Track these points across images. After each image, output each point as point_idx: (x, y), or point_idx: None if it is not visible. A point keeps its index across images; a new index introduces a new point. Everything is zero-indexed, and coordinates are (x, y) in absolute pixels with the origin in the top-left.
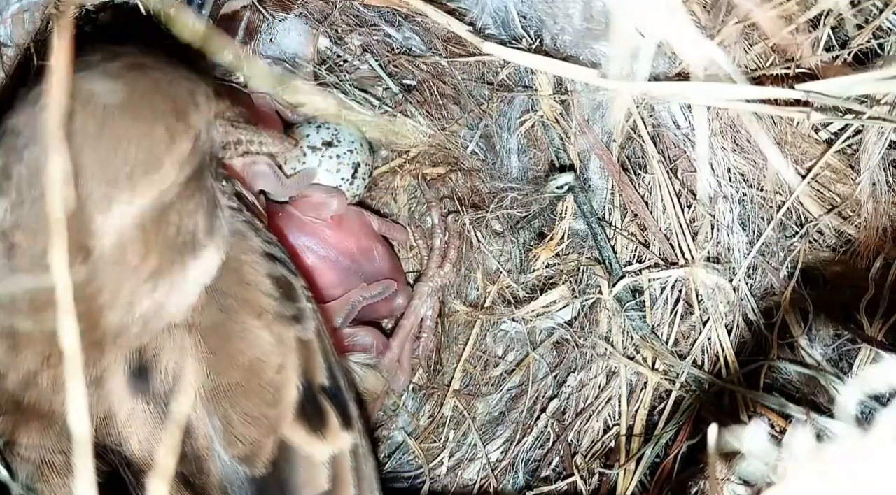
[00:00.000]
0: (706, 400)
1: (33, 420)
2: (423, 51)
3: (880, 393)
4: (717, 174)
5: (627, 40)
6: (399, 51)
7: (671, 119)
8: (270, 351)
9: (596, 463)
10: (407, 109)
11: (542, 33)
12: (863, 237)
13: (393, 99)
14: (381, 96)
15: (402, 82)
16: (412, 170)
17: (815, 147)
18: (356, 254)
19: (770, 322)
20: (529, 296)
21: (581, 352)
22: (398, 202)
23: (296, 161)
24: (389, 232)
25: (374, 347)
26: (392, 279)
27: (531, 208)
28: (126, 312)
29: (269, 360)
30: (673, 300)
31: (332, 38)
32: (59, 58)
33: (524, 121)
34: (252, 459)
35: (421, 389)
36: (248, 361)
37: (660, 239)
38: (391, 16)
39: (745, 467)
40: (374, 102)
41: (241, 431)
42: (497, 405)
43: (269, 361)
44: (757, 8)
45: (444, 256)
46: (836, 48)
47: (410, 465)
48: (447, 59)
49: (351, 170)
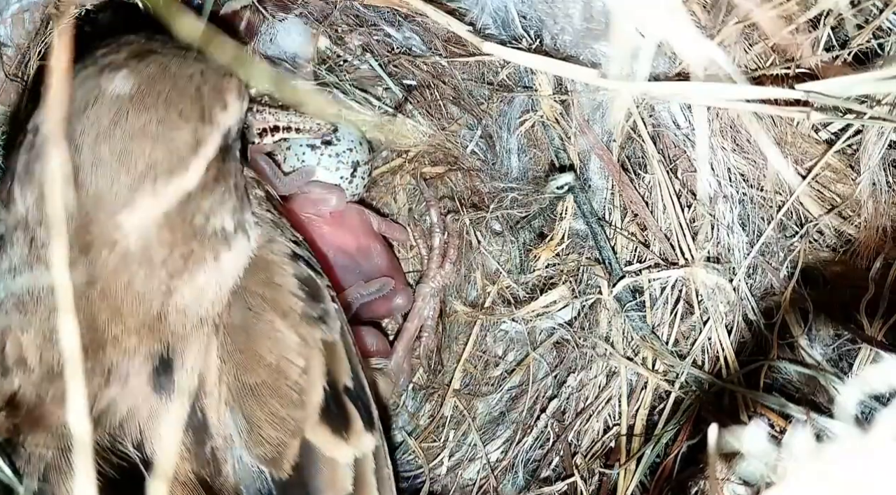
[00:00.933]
0: (706, 400)
1: (54, 413)
2: (423, 51)
3: (880, 393)
4: (717, 174)
5: (627, 40)
6: (399, 51)
7: (671, 119)
8: (297, 351)
9: (596, 463)
10: (407, 109)
11: (542, 33)
12: (863, 237)
13: (393, 99)
14: (381, 96)
15: (402, 82)
16: (411, 170)
17: (815, 147)
18: (354, 252)
19: (770, 322)
20: (529, 296)
21: (581, 353)
22: (398, 202)
23: (294, 159)
24: (389, 231)
25: (375, 347)
26: (390, 277)
27: (531, 208)
28: (153, 306)
29: (296, 361)
30: (673, 300)
31: (332, 38)
32: (60, 58)
33: (524, 121)
34: (277, 461)
35: (421, 389)
36: (275, 361)
37: (660, 239)
38: (391, 16)
39: (745, 467)
40: (374, 102)
41: (267, 432)
42: (497, 405)
43: (296, 362)
44: (757, 8)
45: (443, 256)
46: (836, 48)
47: (410, 465)
48: (447, 59)
49: (350, 169)
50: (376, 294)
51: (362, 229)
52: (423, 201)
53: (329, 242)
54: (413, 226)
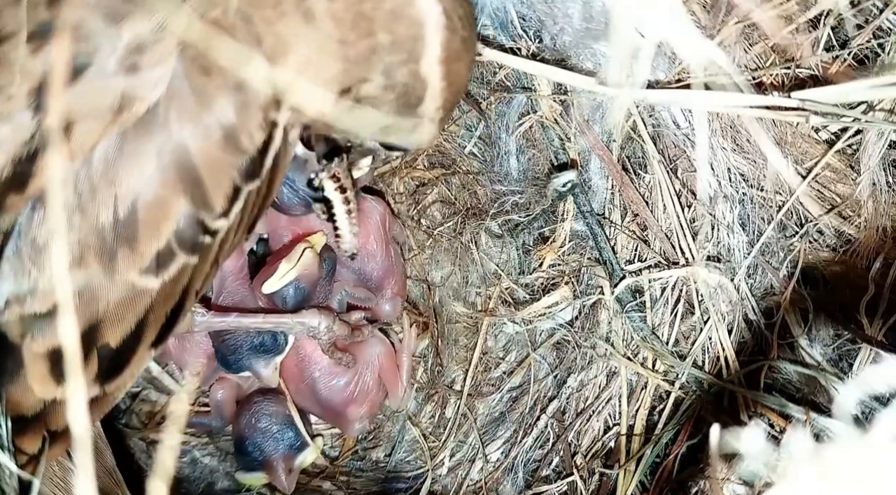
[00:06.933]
0: (706, 400)
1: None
2: None
3: (880, 394)
4: (717, 174)
5: (627, 40)
6: None
7: (671, 119)
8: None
9: (596, 463)
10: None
11: (542, 34)
12: (863, 237)
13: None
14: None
15: None
16: (408, 174)
17: (815, 147)
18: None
19: (770, 322)
20: (531, 297)
21: (581, 353)
22: (397, 202)
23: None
24: (397, 235)
25: (379, 356)
26: (385, 284)
27: (532, 210)
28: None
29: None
30: (673, 300)
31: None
32: (60, 57)
33: (523, 121)
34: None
35: (422, 390)
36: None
37: (660, 239)
38: None
39: (744, 467)
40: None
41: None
42: (497, 405)
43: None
44: (757, 8)
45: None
46: (836, 48)
47: (410, 465)
48: None
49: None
50: (358, 301)
51: (375, 232)
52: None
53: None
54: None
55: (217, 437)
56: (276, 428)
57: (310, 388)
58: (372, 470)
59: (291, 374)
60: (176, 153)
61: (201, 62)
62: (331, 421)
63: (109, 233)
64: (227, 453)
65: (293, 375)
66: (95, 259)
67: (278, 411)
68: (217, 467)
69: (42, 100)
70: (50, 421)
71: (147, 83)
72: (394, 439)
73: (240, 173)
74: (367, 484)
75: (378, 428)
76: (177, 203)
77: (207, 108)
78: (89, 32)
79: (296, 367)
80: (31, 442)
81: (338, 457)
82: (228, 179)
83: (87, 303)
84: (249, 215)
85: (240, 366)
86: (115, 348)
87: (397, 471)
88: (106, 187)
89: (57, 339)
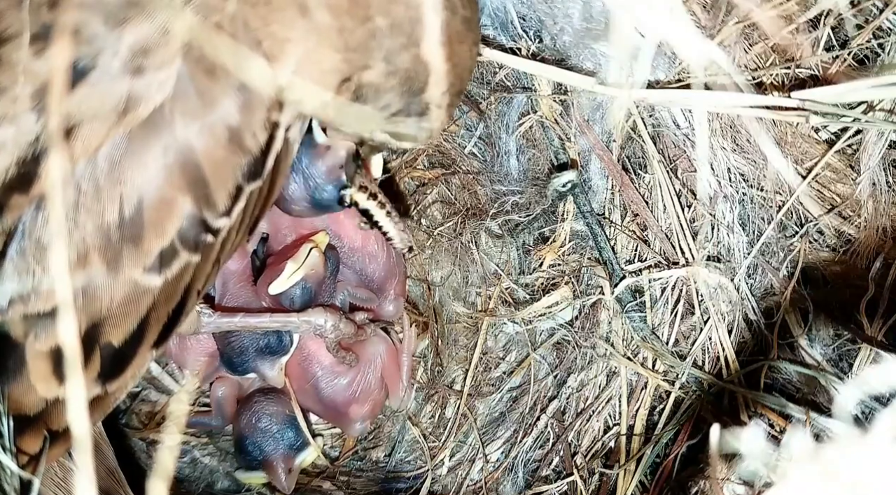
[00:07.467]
0: (706, 400)
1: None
2: None
3: (880, 394)
4: (717, 174)
5: (627, 40)
6: None
7: (671, 119)
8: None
9: (596, 463)
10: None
11: (542, 34)
12: (863, 237)
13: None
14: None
15: None
16: (408, 174)
17: (815, 147)
18: (359, 250)
19: (770, 322)
20: (531, 297)
21: (581, 353)
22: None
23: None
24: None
25: (382, 355)
26: (388, 285)
27: (532, 210)
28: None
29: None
30: (673, 300)
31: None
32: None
33: (523, 121)
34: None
35: (422, 390)
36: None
37: (660, 239)
38: None
39: (744, 467)
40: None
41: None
42: (497, 405)
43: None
44: (757, 8)
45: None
46: (836, 48)
47: (410, 465)
48: None
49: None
50: (360, 302)
51: (376, 233)
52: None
53: (335, 232)
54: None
55: (217, 437)
56: (277, 427)
57: (313, 387)
58: (372, 470)
59: (295, 373)
60: (181, 152)
61: (205, 64)
62: (332, 420)
63: (115, 232)
64: (227, 453)
65: (296, 374)
66: (99, 258)
67: (279, 411)
68: (217, 467)
69: (46, 101)
70: (51, 421)
71: (153, 85)
72: (394, 439)
73: (243, 173)
74: (367, 484)
75: (378, 428)
76: (181, 202)
77: (212, 109)
78: (91, 35)
79: (299, 366)
80: (32, 442)
81: (338, 457)
82: (232, 179)
83: (90, 301)
84: (251, 215)
85: (246, 368)
86: (118, 347)
87: (397, 471)
88: (111, 187)
89: (59, 338)
